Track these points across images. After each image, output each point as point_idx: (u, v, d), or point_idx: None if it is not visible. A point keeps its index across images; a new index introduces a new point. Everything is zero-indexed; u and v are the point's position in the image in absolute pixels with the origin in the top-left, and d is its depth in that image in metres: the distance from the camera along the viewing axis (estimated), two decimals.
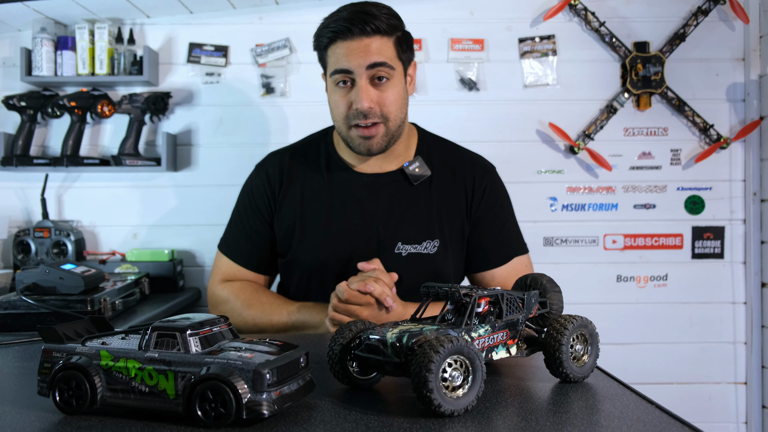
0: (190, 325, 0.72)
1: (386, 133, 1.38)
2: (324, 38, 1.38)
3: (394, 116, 1.38)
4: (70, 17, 2.15)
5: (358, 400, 0.79)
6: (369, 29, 1.33)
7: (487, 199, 1.49)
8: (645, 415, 0.73)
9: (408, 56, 1.43)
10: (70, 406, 0.71)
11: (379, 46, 1.34)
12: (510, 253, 1.49)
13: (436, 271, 1.43)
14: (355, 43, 1.33)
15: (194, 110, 2.25)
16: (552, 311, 0.91)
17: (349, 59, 1.33)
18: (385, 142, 1.40)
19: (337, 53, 1.36)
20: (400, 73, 1.40)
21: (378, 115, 1.36)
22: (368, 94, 1.34)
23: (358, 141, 1.38)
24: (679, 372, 2.28)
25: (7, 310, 1.31)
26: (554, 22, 2.25)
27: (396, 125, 1.40)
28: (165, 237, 2.24)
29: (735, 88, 2.29)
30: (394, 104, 1.37)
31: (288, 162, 1.52)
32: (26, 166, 2.10)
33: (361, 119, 1.35)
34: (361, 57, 1.33)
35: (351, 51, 1.33)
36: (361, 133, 1.37)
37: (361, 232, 1.43)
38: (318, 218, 1.45)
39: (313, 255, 1.43)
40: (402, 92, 1.40)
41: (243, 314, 1.43)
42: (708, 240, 2.29)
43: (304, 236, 1.45)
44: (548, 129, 2.24)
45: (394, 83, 1.38)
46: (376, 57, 1.33)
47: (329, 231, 1.43)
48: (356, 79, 1.34)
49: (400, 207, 1.45)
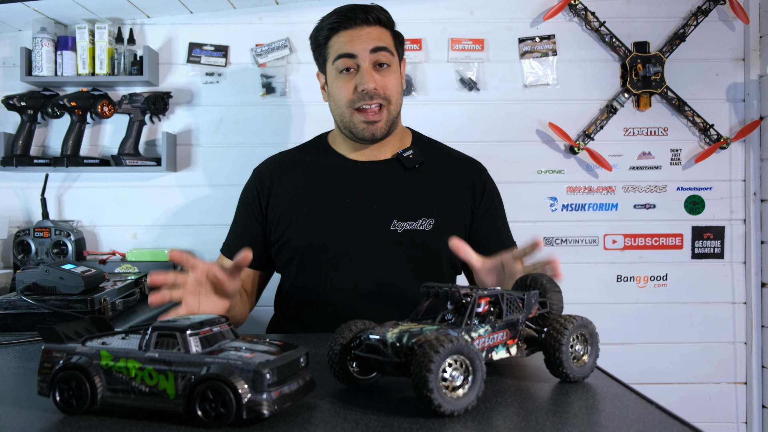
0: (190, 325, 0.72)
1: (389, 117, 1.44)
2: (324, 31, 1.45)
3: (395, 101, 1.45)
4: (70, 17, 2.15)
5: (358, 400, 0.79)
6: (371, 18, 1.42)
7: (487, 197, 1.52)
8: (645, 415, 0.73)
9: (401, 52, 1.52)
10: (70, 406, 0.71)
11: (379, 34, 1.43)
12: (505, 245, 1.50)
13: (432, 248, 1.43)
14: (357, 30, 1.42)
15: (194, 110, 2.25)
16: (552, 311, 0.91)
17: (353, 44, 1.41)
18: (387, 127, 1.45)
19: (339, 41, 1.43)
20: (398, 64, 1.48)
21: (382, 97, 1.42)
22: (373, 76, 1.41)
23: (362, 126, 1.43)
24: (679, 372, 2.28)
25: (7, 310, 1.32)
26: (554, 22, 2.25)
27: (396, 111, 1.46)
28: (165, 237, 2.24)
29: (735, 88, 2.29)
30: (395, 88, 1.45)
31: (282, 160, 1.57)
32: (26, 166, 2.11)
33: (367, 100, 1.41)
34: (365, 42, 1.41)
35: (354, 37, 1.41)
36: (366, 118, 1.42)
37: (356, 211, 1.45)
38: (312, 202, 1.47)
39: (306, 233, 1.44)
40: (399, 82, 1.48)
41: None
42: (708, 240, 2.29)
43: (298, 217, 1.46)
44: (548, 129, 2.24)
45: (394, 70, 1.46)
46: (379, 42, 1.42)
47: (322, 210, 1.45)
48: (360, 63, 1.41)
49: (394, 188, 1.47)
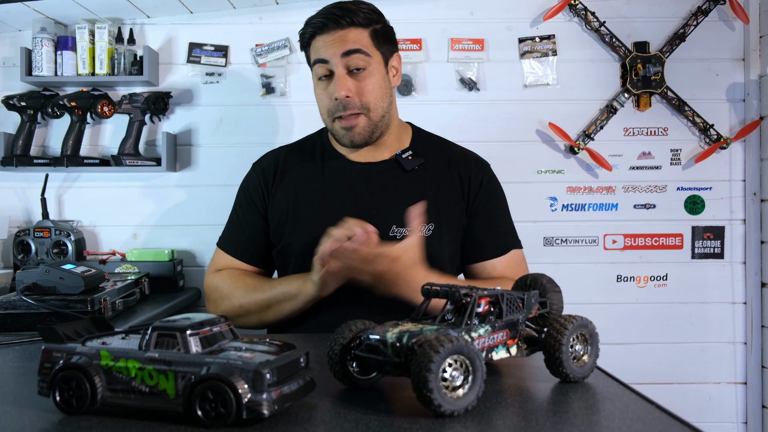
0: (191, 325, 0.72)
1: (368, 123, 1.42)
2: (306, 35, 1.45)
3: (374, 105, 1.41)
4: (70, 17, 2.15)
5: (358, 400, 0.79)
6: (344, 22, 1.39)
7: (484, 191, 1.50)
8: (645, 415, 0.73)
9: (389, 48, 1.47)
10: (70, 406, 0.71)
11: (354, 36, 1.39)
12: (506, 244, 1.50)
13: (431, 253, 1.41)
14: (330, 35, 1.40)
15: (194, 110, 2.25)
16: (552, 311, 0.91)
17: (325, 50, 1.40)
18: (367, 133, 1.43)
19: (315, 47, 1.42)
20: (379, 63, 1.43)
21: (358, 106, 1.39)
22: (345, 83, 1.38)
23: (342, 132, 1.42)
24: (679, 372, 2.28)
25: (7, 310, 1.31)
26: (554, 22, 2.26)
27: (378, 115, 1.43)
28: (165, 237, 2.24)
29: (735, 88, 2.29)
30: (372, 93, 1.40)
31: (283, 156, 1.56)
32: (26, 166, 2.11)
33: (341, 110, 1.39)
34: (336, 46, 1.39)
35: (327, 43, 1.40)
36: (343, 124, 1.41)
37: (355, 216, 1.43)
38: (311, 204, 1.47)
39: (306, 239, 1.43)
40: (381, 82, 1.43)
41: (231, 297, 1.44)
42: (708, 240, 2.29)
43: (298, 222, 1.46)
44: (548, 129, 2.25)
45: (372, 72, 1.41)
46: (350, 45, 1.39)
47: (322, 215, 1.44)
48: (333, 69, 1.39)
49: (393, 192, 1.46)
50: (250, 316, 1.42)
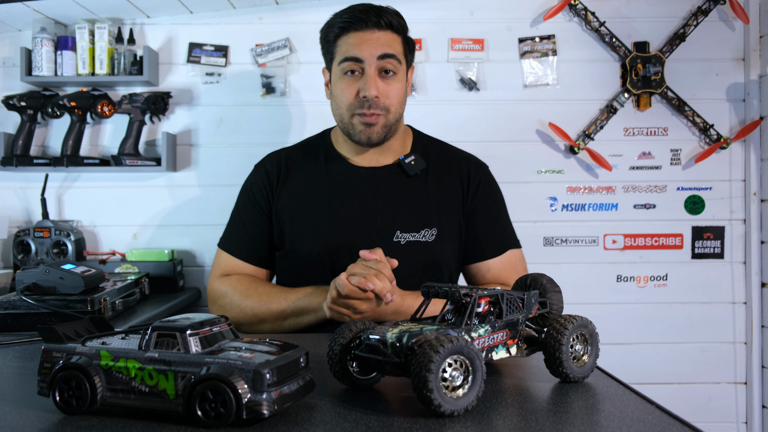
0: (190, 325, 0.72)
1: (385, 124, 1.43)
2: (335, 28, 1.43)
3: (394, 110, 1.43)
4: (70, 17, 2.15)
5: (358, 400, 0.79)
6: (383, 23, 1.40)
7: (482, 192, 1.52)
8: (645, 415, 0.73)
9: (410, 59, 1.50)
10: (70, 406, 0.71)
11: (389, 40, 1.41)
12: (505, 244, 1.51)
13: (434, 259, 1.44)
14: (368, 33, 1.39)
15: (194, 110, 2.25)
16: (552, 311, 0.91)
17: (361, 48, 1.39)
18: (384, 133, 1.44)
19: (348, 42, 1.41)
20: (404, 71, 1.46)
21: (381, 107, 1.41)
22: (377, 83, 1.39)
23: (360, 128, 1.42)
24: (679, 372, 2.28)
25: (7, 310, 1.31)
26: (554, 22, 2.25)
27: (394, 119, 1.45)
28: (165, 237, 2.24)
29: (735, 88, 2.29)
30: (396, 98, 1.43)
31: (286, 157, 1.55)
32: (26, 166, 2.11)
33: (366, 108, 1.40)
34: (373, 47, 1.39)
35: (363, 41, 1.39)
36: (364, 120, 1.41)
37: (360, 221, 1.44)
38: (316, 208, 1.46)
39: (311, 244, 1.44)
40: (404, 89, 1.46)
41: (241, 305, 1.42)
42: (708, 240, 2.29)
43: (302, 226, 1.46)
44: (548, 129, 2.24)
45: (400, 78, 1.44)
46: (387, 48, 1.39)
47: (327, 220, 1.44)
48: (366, 68, 1.39)
49: (397, 197, 1.47)
50: (263, 324, 1.41)
